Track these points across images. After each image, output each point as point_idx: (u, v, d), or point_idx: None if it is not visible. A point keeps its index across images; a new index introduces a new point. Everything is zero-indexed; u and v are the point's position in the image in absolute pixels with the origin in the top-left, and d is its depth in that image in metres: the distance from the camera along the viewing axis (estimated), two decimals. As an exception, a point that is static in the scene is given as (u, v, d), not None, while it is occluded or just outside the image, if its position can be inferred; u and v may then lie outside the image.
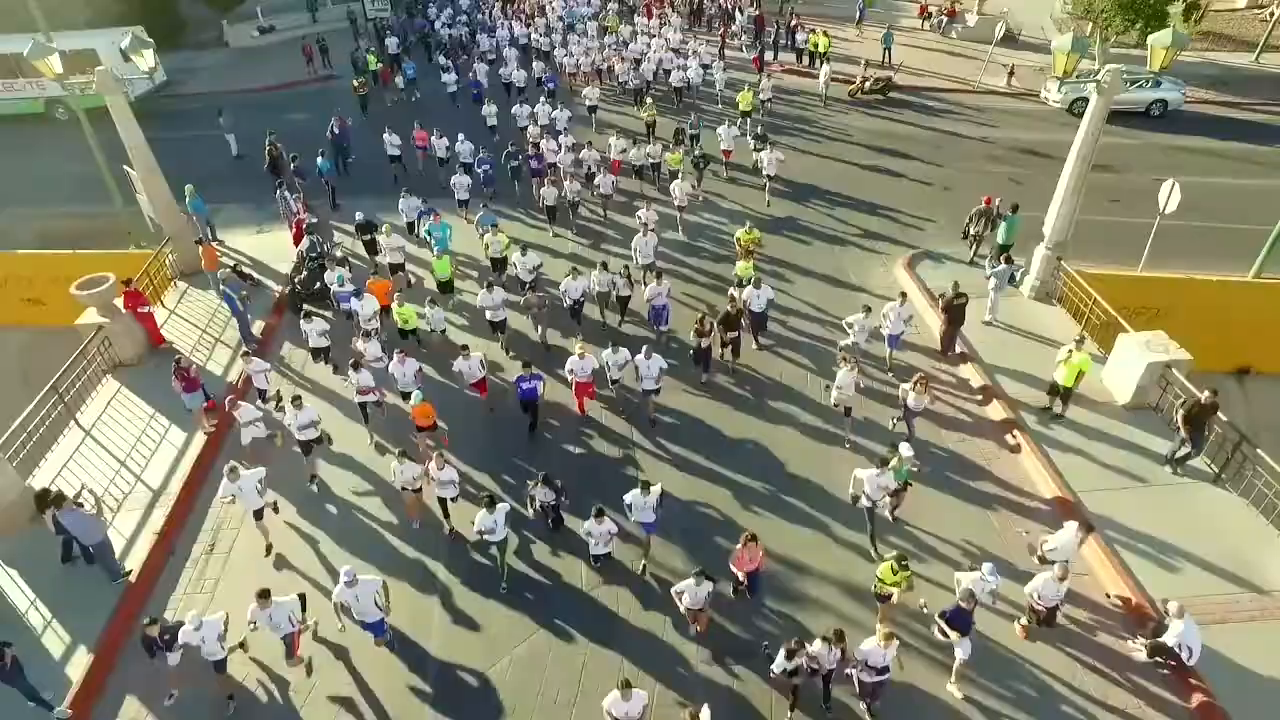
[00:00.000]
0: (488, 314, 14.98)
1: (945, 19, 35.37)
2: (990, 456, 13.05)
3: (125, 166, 18.56)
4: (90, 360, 14.62)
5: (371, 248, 17.74)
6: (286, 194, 18.74)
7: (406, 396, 13.11)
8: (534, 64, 28.56)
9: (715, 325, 14.15)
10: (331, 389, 14.65)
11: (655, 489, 10.63)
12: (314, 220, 18.96)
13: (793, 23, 32.42)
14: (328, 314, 16.10)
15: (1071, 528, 10.16)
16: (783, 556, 11.24)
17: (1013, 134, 26.24)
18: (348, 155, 22.51)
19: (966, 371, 14.82)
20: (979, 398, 14.24)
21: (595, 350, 13.77)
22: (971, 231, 18.04)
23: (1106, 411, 13.76)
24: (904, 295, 14.57)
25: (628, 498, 10.67)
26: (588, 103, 25.23)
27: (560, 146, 21.11)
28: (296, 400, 12.17)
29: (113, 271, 15.80)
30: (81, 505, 10.57)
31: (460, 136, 21.29)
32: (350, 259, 17.81)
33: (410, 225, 18.90)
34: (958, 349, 15.09)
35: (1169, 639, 9.03)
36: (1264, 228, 18.42)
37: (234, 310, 15.14)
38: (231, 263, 17.76)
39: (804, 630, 9.98)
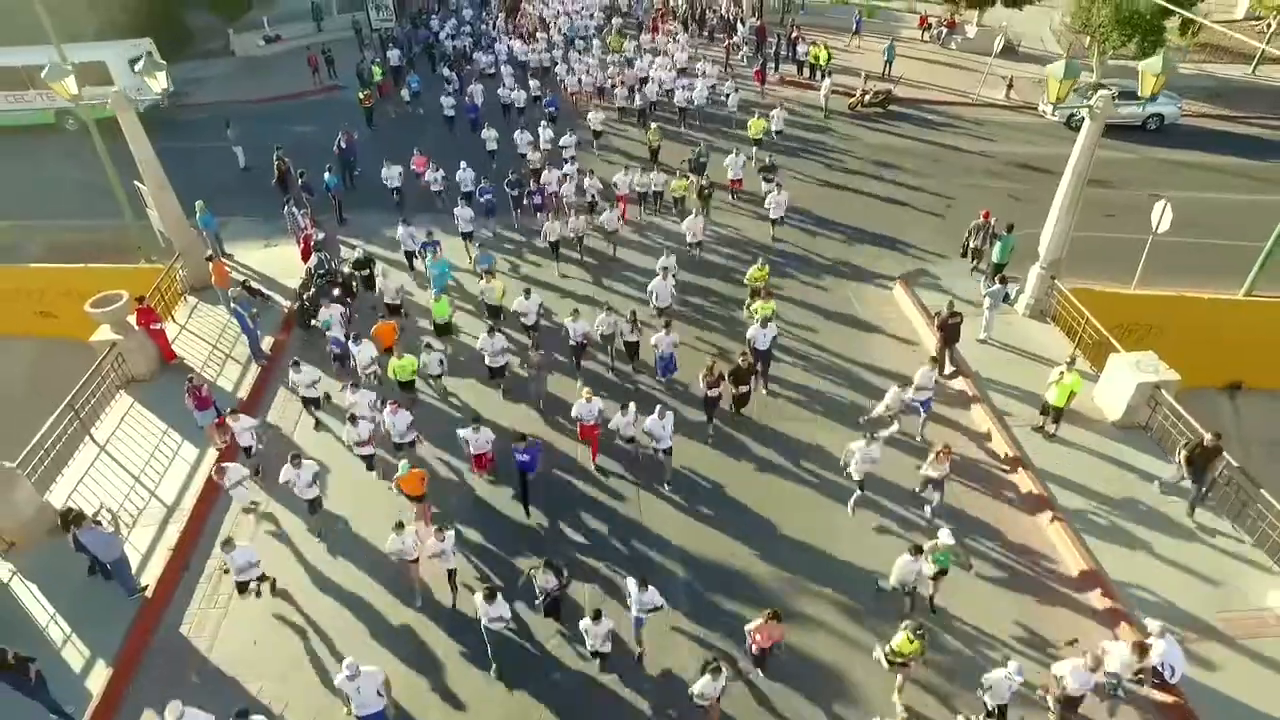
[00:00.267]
0: (487, 359, 14.65)
1: (945, 30, 35.70)
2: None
3: (136, 182, 18.91)
4: (104, 376, 14.97)
5: (369, 283, 17.47)
6: (294, 210, 19.10)
7: (400, 448, 12.96)
8: (531, 82, 27.93)
9: (725, 376, 13.67)
10: (340, 412, 14.88)
11: (653, 592, 10.06)
12: (322, 236, 19.28)
13: (794, 34, 32.74)
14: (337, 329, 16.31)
15: (1125, 647, 9.41)
16: (796, 626, 10.80)
17: (1011, 148, 26.53)
18: (354, 169, 22.93)
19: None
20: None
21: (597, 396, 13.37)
22: (971, 245, 18.41)
23: (1098, 429, 14.09)
24: (933, 359, 14.05)
25: (630, 585, 10.32)
26: (592, 127, 24.88)
27: (566, 175, 20.74)
28: (295, 459, 11.84)
29: (123, 286, 16.18)
30: (100, 524, 10.91)
31: (462, 164, 21.05)
32: (357, 276, 18.01)
33: (409, 254, 18.82)
34: (955, 365, 15.45)
35: (1152, 658, 9.32)
36: (1257, 244, 18.67)
37: (244, 327, 15.48)
38: (241, 278, 18.10)
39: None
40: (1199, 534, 12.12)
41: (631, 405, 12.97)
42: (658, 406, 12.72)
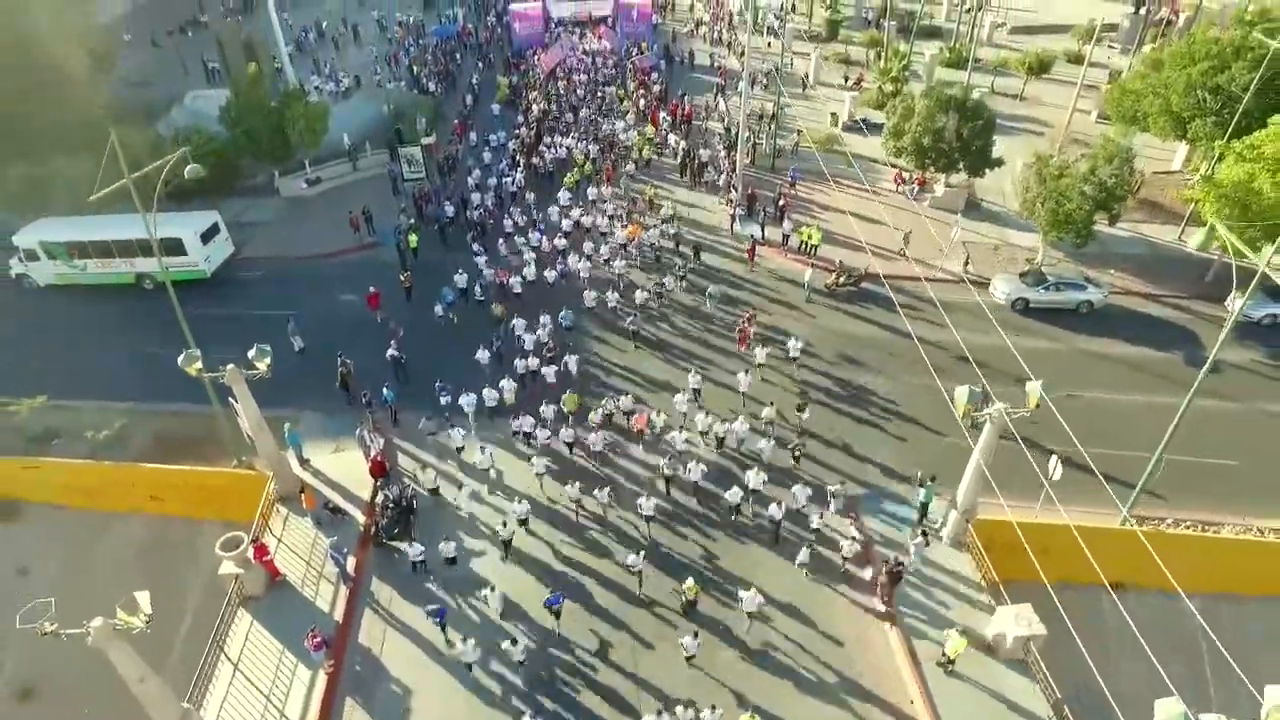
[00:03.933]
0: None
1: (916, 188, 40.23)
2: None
3: (231, 399, 23.29)
4: (231, 602, 19.54)
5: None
6: (365, 433, 23.68)
7: None
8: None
9: None
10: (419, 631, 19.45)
11: None
12: (382, 442, 23.83)
13: (782, 202, 37.08)
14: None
15: None
16: None
17: (963, 335, 30.73)
18: (405, 366, 27.40)
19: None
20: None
21: None
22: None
23: (985, 662, 18.96)
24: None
25: None
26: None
27: None
28: None
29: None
30: (264, 771, 15.46)
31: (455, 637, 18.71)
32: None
33: (450, 559, 20.47)
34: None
35: None
36: (1144, 455, 22.96)
37: (338, 564, 20.05)
38: (324, 501, 22.58)
39: None
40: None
41: None
42: None
